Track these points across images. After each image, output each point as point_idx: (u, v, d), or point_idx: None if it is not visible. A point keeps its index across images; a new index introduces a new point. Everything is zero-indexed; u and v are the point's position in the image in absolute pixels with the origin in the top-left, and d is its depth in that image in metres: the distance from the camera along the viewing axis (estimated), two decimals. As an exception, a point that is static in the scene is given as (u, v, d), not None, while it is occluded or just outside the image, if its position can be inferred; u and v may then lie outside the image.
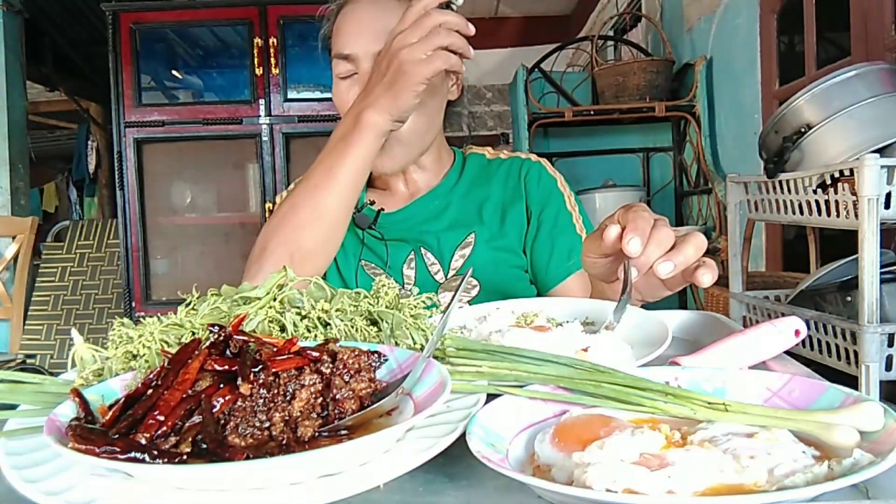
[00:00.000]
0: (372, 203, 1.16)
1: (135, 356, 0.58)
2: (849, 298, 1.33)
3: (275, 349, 0.51)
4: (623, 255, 0.71)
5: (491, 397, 0.53)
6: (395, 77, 0.88)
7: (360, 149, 0.92)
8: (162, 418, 0.44)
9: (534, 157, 1.22)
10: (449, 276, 1.13)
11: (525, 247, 1.16)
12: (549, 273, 1.13)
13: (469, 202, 1.18)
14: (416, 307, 0.66)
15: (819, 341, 1.33)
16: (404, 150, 1.07)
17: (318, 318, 0.62)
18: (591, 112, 3.09)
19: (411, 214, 1.17)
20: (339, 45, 1.05)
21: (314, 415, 0.47)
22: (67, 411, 0.49)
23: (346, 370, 0.50)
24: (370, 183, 1.24)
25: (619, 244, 0.70)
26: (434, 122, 1.10)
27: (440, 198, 1.18)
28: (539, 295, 1.14)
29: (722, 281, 2.03)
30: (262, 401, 0.46)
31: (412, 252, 1.14)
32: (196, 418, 0.44)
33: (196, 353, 0.49)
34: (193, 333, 0.59)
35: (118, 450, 0.41)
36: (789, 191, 1.42)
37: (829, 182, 1.30)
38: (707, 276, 0.68)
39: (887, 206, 1.18)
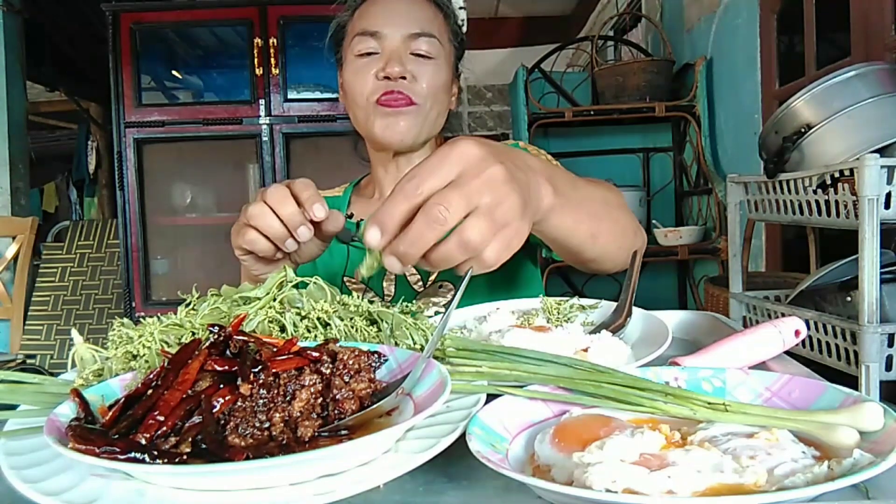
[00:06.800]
0: (350, 216, 1.17)
1: (135, 356, 0.58)
2: (849, 298, 1.33)
3: (275, 349, 0.51)
4: None
5: (491, 397, 0.53)
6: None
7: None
8: (162, 418, 0.44)
9: (522, 144, 1.24)
10: (428, 285, 1.14)
11: None
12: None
13: None
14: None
15: (819, 341, 1.33)
16: (420, 126, 1.09)
17: (318, 319, 0.62)
18: (591, 112, 3.08)
19: None
20: (367, 23, 1.07)
21: (314, 415, 0.47)
22: (67, 411, 0.49)
23: (346, 370, 0.50)
24: (356, 192, 1.26)
25: None
26: (438, 122, 1.13)
27: None
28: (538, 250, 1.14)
29: (722, 281, 2.03)
30: (262, 401, 0.46)
31: None
32: (196, 418, 0.44)
33: (196, 353, 0.49)
34: (193, 333, 0.59)
35: (118, 450, 0.41)
36: (789, 191, 1.42)
37: (829, 182, 1.30)
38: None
39: (887, 206, 1.18)
